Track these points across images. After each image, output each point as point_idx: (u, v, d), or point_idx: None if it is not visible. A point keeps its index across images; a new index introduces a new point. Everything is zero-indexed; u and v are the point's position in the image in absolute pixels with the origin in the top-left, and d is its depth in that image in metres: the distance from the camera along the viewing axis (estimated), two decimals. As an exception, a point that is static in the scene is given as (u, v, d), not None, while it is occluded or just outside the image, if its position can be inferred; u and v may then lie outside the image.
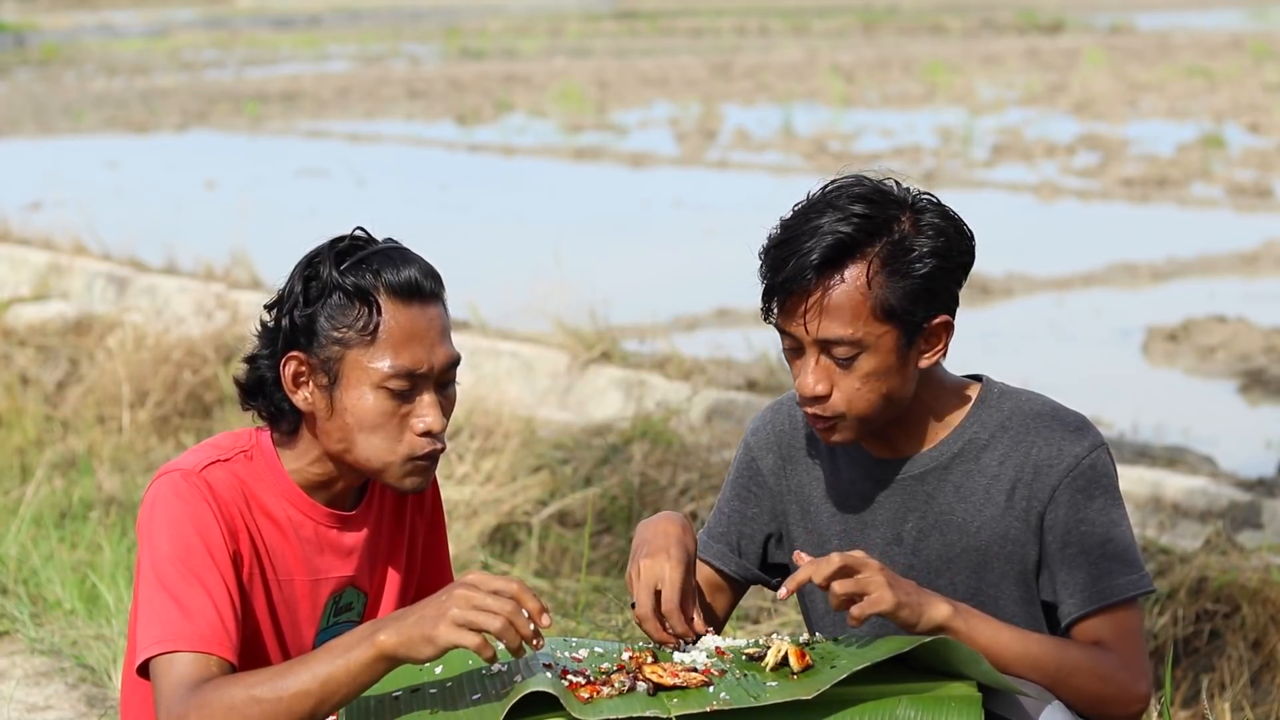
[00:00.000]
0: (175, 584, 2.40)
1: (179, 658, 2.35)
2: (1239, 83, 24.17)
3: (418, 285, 2.47)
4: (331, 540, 2.59)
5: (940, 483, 2.59)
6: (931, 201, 2.54)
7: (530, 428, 6.44)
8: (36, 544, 5.40)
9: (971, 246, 2.55)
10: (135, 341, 7.81)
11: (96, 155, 19.36)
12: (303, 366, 2.49)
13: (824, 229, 2.45)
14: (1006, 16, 42.88)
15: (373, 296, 2.45)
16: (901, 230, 2.48)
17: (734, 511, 2.75)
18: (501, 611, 2.24)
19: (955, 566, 2.59)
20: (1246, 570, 4.67)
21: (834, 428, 2.54)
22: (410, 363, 2.46)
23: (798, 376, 2.53)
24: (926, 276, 2.47)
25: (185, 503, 2.45)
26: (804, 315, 2.47)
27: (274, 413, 2.54)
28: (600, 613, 4.70)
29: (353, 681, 2.28)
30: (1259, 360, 8.96)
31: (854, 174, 2.55)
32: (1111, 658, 2.47)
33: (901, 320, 2.47)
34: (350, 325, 2.45)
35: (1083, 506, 2.53)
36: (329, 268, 2.46)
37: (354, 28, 48.91)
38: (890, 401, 2.52)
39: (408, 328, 2.46)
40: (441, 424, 2.49)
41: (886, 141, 18.82)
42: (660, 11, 51.47)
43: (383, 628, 2.28)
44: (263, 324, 2.54)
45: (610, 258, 11.97)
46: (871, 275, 2.45)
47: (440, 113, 23.61)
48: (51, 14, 52.89)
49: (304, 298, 2.47)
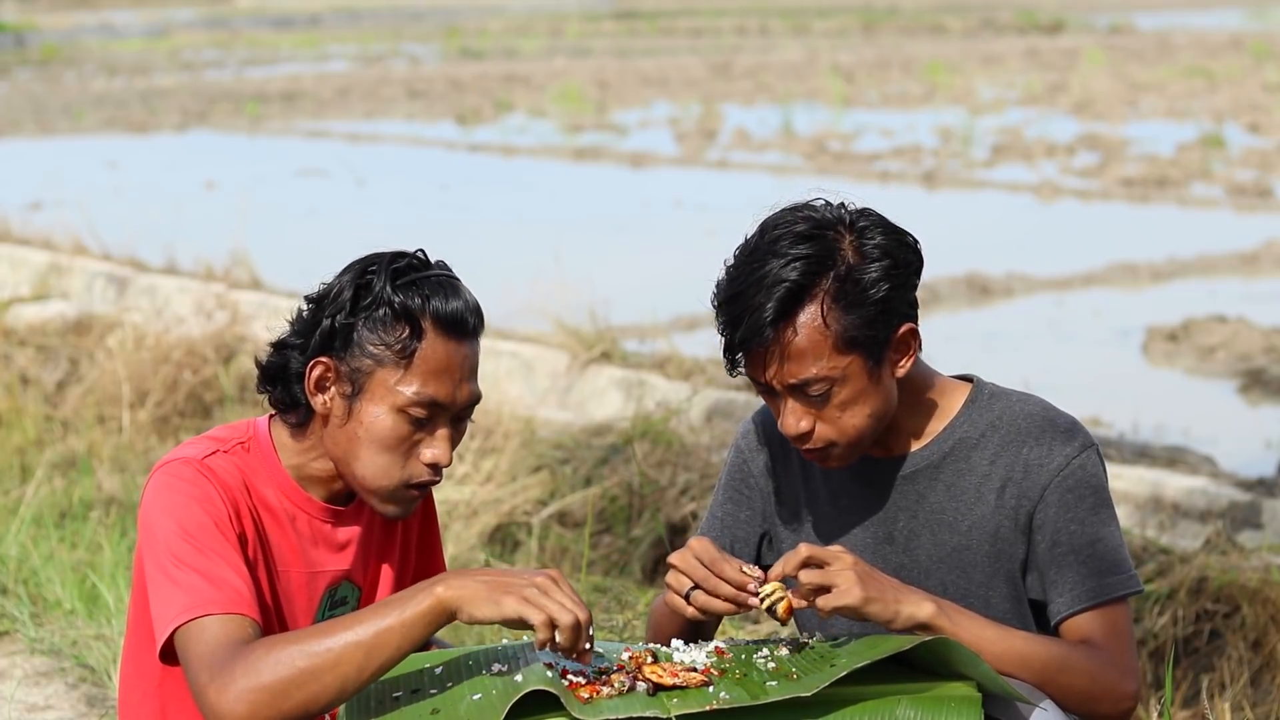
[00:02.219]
0: (193, 559, 2.39)
1: (211, 620, 2.34)
2: (1239, 83, 24.17)
3: (462, 320, 2.49)
4: (325, 534, 2.60)
5: (931, 482, 2.61)
6: (869, 217, 2.52)
7: (530, 428, 6.44)
8: (36, 544, 5.40)
9: (918, 254, 2.54)
10: (135, 341, 7.81)
11: (96, 155, 19.36)
12: (329, 372, 2.50)
13: (768, 280, 2.45)
14: (1006, 16, 42.88)
15: (419, 321, 2.46)
16: (846, 261, 2.47)
17: (726, 515, 2.76)
18: (576, 611, 2.26)
19: (946, 565, 2.60)
20: (1246, 570, 4.67)
21: (828, 456, 2.56)
22: (437, 394, 2.47)
23: (778, 418, 2.54)
24: (881, 300, 2.47)
25: (191, 485, 2.46)
26: (768, 366, 2.49)
27: (287, 403, 2.55)
28: (600, 612, 4.69)
29: (406, 633, 2.27)
30: (1259, 360, 8.96)
31: (788, 207, 2.54)
32: (1100, 656, 2.48)
33: (864, 346, 2.48)
34: (389, 344, 2.47)
35: (1073, 506, 2.54)
36: (383, 281, 2.47)
37: (354, 28, 48.92)
38: (877, 418, 2.53)
39: (444, 360, 2.48)
40: (449, 459, 2.51)
41: (886, 141, 18.82)
42: (660, 11, 51.47)
43: (443, 581, 2.28)
44: (300, 314, 2.55)
45: (610, 258, 11.97)
46: (826, 313, 2.45)
47: (440, 113, 23.61)
48: (51, 14, 52.87)
49: (351, 304, 2.48)
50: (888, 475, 2.63)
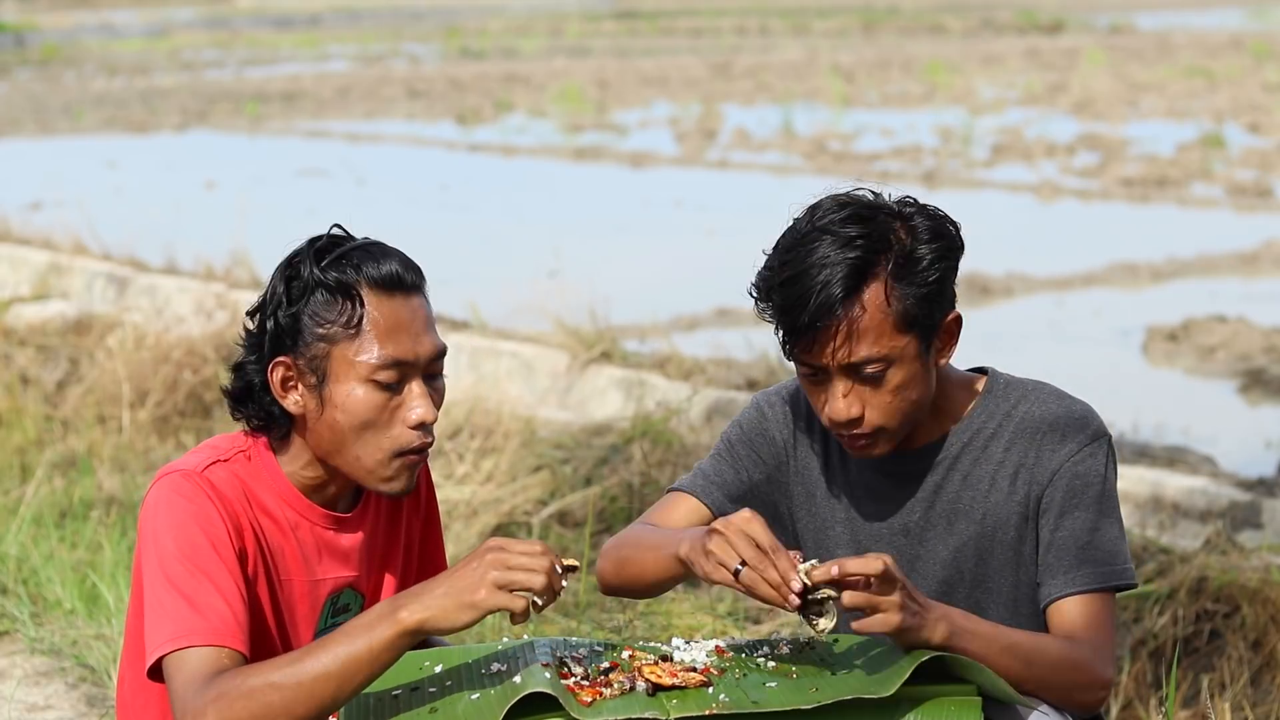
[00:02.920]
0: (184, 581, 2.39)
1: (191, 653, 2.35)
2: (1239, 83, 24.16)
3: (399, 277, 2.48)
4: (328, 541, 2.59)
5: (949, 473, 2.63)
6: (913, 203, 2.55)
7: (530, 428, 6.44)
8: (36, 544, 5.39)
9: (961, 237, 2.57)
10: (135, 341, 7.81)
11: (96, 155, 19.36)
12: (290, 370, 2.49)
13: (832, 259, 2.46)
14: (1006, 16, 42.85)
15: (355, 290, 2.46)
16: (901, 241, 2.49)
17: (715, 472, 2.70)
18: (540, 568, 2.26)
19: (962, 555, 2.61)
20: (1246, 570, 4.67)
21: (874, 444, 2.56)
22: (397, 353, 2.46)
23: (826, 404, 2.53)
24: (937, 280, 2.50)
25: (190, 502, 2.45)
26: (832, 345, 2.48)
27: (265, 419, 2.54)
28: (600, 612, 4.69)
29: (374, 661, 2.28)
30: (1259, 360, 8.96)
31: (832, 195, 2.55)
32: (1083, 648, 2.49)
33: (921, 327, 2.50)
34: (334, 321, 2.46)
35: (1079, 494, 2.56)
36: (309, 266, 2.47)
37: (354, 28, 48.91)
38: (920, 405, 2.56)
39: (392, 319, 2.47)
40: (433, 415, 2.49)
41: (886, 141, 18.81)
42: (660, 11, 51.45)
43: (403, 605, 2.28)
44: (247, 330, 2.55)
45: (610, 257, 11.97)
46: (889, 291, 2.47)
47: (440, 113, 23.61)
48: (51, 14, 52.87)
49: (286, 298, 2.48)
50: (906, 467, 2.64)
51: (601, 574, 2.70)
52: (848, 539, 2.66)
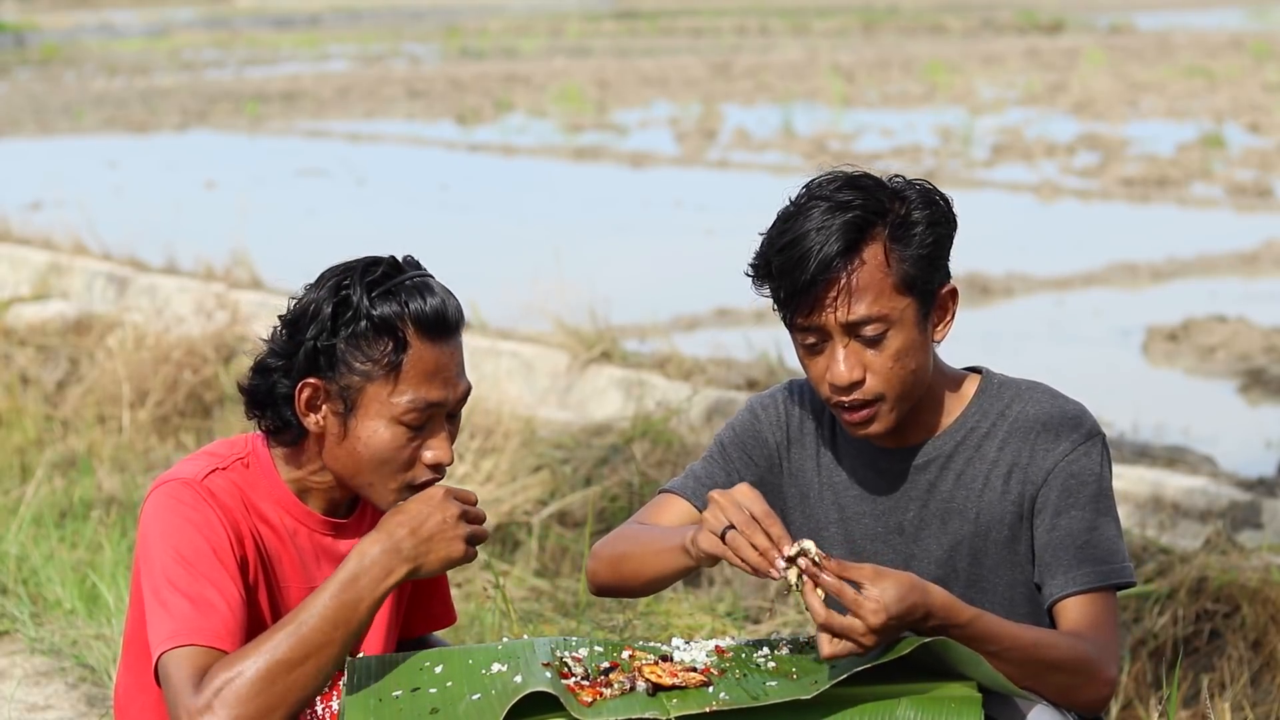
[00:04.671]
0: (187, 585, 2.41)
1: (189, 651, 2.36)
2: (1239, 83, 24.16)
3: (444, 320, 2.48)
4: (326, 547, 2.60)
5: (942, 471, 2.63)
6: (903, 179, 2.60)
7: (530, 428, 6.44)
8: (36, 544, 5.40)
9: (953, 211, 2.62)
10: (135, 341, 7.81)
11: (96, 155, 19.36)
12: (319, 393, 2.49)
13: (828, 222, 2.50)
14: (1006, 16, 42.86)
15: (400, 332, 2.46)
16: (895, 210, 2.54)
17: (706, 475, 2.72)
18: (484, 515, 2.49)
19: (957, 554, 2.62)
20: (1246, 570, 4.67)
21: (874, 415, 2.56)
22: (429, 396, 2.48)
23: (827, 369, 2.54)
24: (934, 244, 2.54)
25: (190, 509, 2.45)
26: (833, 302, 2.50)
27: (278, 425, 2.54)
28: (600, 612, 4.69)
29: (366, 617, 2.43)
30: (1259, 360, 8.96)
31: (826, 172, 2.59)
32: (1087, 645, 2.49)
33: (919, 290, 2.53)
34: (374, 359, 2.46)
35: (1074, 492, 2.57)
36: (359, 294, 2.46)
37: (354, 28, 48.91)
38: (918, 380, 2.57)
39: (432, 364, 2.48)
40: (450, 458, 2.52)
41: (886, 141, 18.81)
42: (660, 11, 51.45)
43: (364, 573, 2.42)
44: (277, 333, 2.53)
45: (610, 257, 11.97)
46: (888, 251, 2.51)
47: (440, 113, 23.61)
48: (51, 14, 52.87)
49: (330, 324, 2.46)
50: (899, 465, 2.65)
51: (593, 573, 2.70)
52: (842, 539, 2.67)
